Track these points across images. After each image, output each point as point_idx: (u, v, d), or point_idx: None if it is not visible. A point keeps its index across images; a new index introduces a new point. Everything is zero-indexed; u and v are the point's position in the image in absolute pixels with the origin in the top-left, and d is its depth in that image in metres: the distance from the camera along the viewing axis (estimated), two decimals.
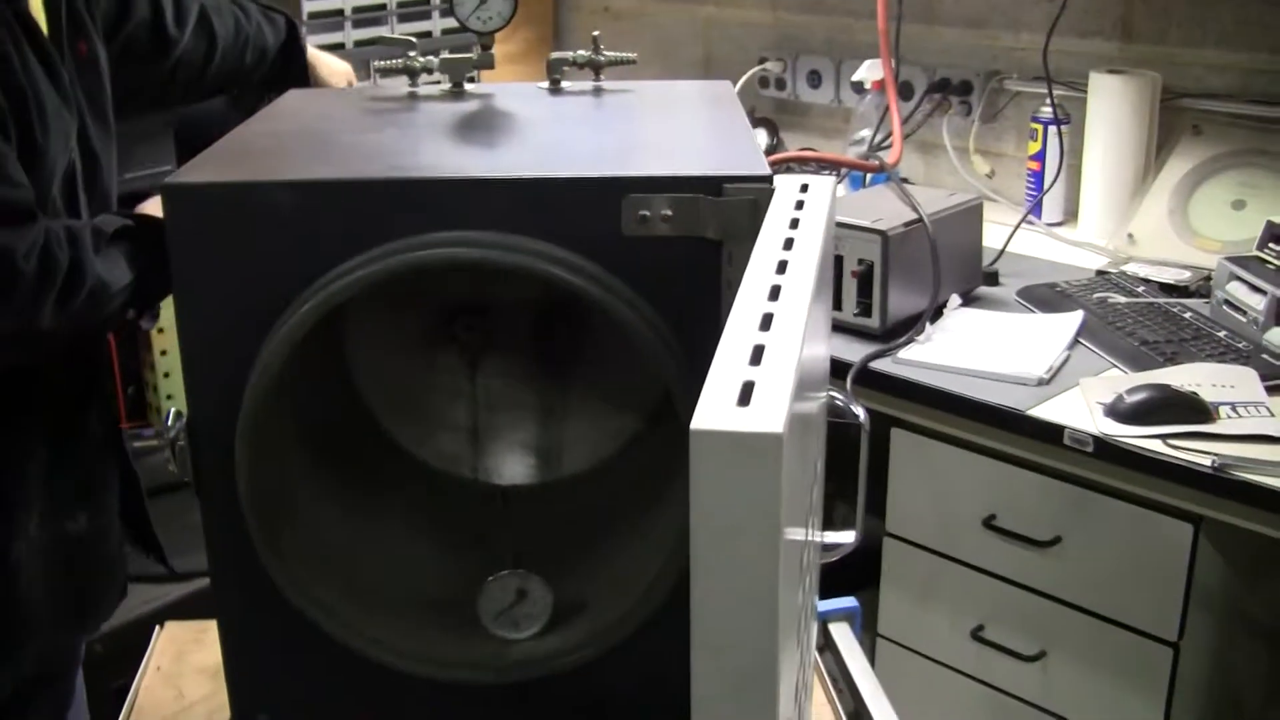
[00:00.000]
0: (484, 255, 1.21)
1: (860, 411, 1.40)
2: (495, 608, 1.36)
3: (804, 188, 1.20)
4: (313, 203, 1.23)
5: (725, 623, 0.74)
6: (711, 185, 1.21)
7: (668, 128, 1.54)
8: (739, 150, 1.35)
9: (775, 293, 0.93)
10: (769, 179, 1.21)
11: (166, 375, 3.71)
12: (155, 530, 2.01)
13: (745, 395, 0.76)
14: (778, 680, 0.75)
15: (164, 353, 3.69)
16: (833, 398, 1.36)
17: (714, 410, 0.74)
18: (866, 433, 1.40)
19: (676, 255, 1.22)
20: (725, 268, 1.21)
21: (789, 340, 0.84)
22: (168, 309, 3.65)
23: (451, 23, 1.61)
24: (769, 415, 0.73)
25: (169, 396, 3.74)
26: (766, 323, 0.87)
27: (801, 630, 1.07)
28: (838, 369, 2.49)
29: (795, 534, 0.86)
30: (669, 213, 1.20)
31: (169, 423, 1.29)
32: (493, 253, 1.21)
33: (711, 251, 1.22)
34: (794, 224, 1.08)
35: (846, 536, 1.41)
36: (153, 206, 1.69)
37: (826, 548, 1.39)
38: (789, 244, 1.03)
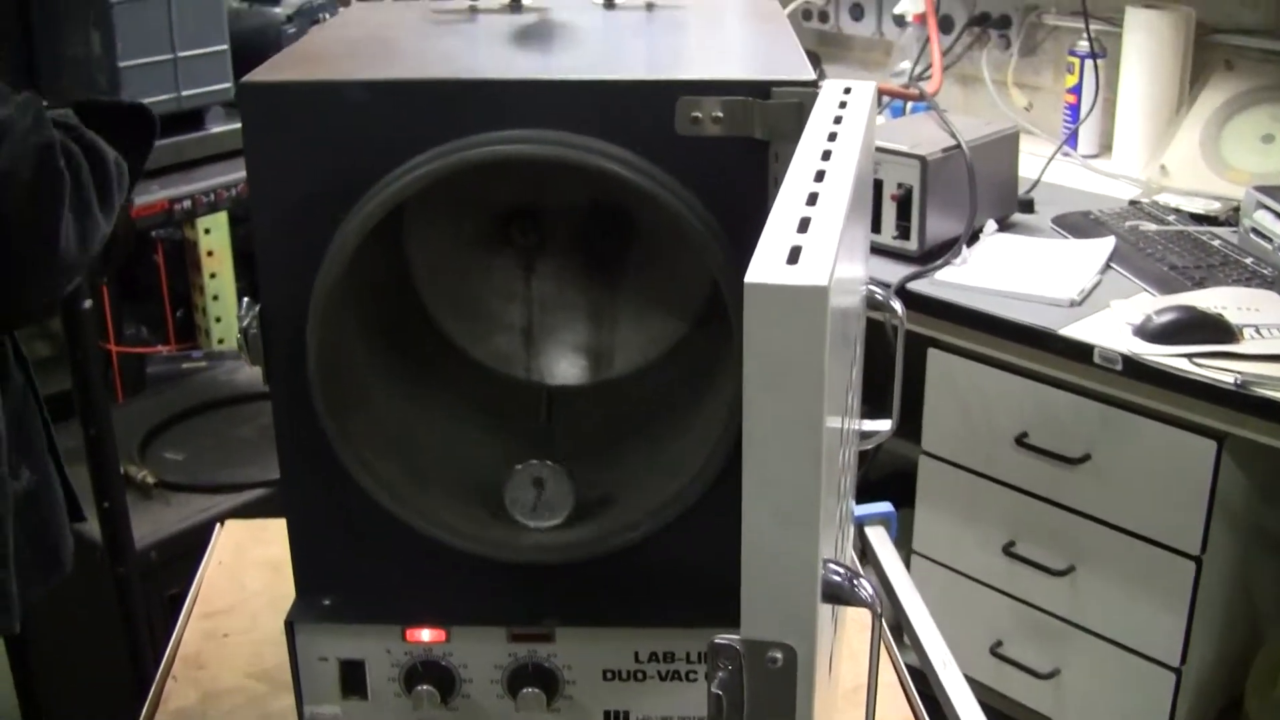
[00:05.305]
0: (542, 150, 1.27)
1: (898, 305, 1.46)
2: (517, 495, 1.42)
3: (847, 90, 1.26)
4: (383, 101, 1.29)
5: (773, 455, 0.81)
6: (760, 88, 1.26)
7: (718, 38, 1.61)
8: (785, 57, 1.42)
9: (820, 176, 1.00)
10: (814, 83, 1.27)
11: (215, 298, 3.79)
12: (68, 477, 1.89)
13: (794, 256, 0.83)
14: (819, 510, 0.83)
15: (213, 275, 3.77)
16: (871, 290, 1.43)
17: (766, 267, 0.81)
18: (903, 324, 1.46)
19: (726, 155, 1.28)
20: (772, 165, 1.27)
21: (832, 214, 0.91)
22: (219, 229, 3.71)
23: None
24: (815, 271, 0.80)
25: (218, 319, 3.82)
26: (812, 200, 0.95)
27: (841, 498, 1.14)
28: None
29: (838, 391, 0.93)
30: (720, 114, 1.26)
31: (242, 310, 1.36)
32: (549, 148, 1.27)
33: (759, 151, 1.28)
34: (837, 120, 1.16)
35: (883, 424, 1.47)
36: None
37: (865, 436, 1.46)
38: (833, 136, 1.11)
